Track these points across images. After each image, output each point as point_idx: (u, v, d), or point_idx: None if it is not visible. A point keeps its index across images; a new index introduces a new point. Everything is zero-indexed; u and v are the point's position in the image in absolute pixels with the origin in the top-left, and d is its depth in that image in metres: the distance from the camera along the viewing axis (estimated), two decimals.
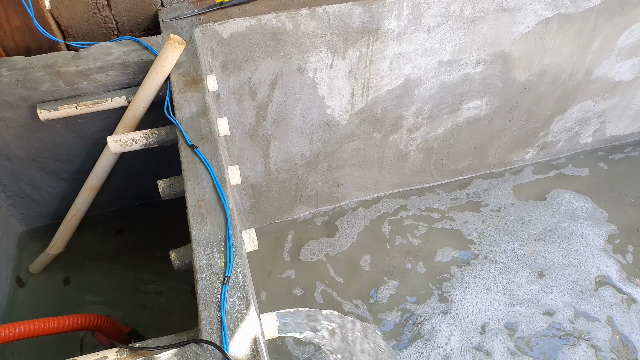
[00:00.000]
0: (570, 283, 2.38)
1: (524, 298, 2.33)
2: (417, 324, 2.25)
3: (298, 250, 2.57)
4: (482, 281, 2.40)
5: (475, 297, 2.33)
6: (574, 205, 2.75)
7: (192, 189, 1.28)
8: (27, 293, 2.10)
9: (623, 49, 2.50)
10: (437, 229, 2.65)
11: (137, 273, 2.17)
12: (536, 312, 2.27)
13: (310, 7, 1.86)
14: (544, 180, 2.90)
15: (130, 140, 1.53)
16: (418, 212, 2.73)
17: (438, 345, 2.17)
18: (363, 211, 2.74)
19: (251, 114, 2.13)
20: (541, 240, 2.58)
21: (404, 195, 2.82)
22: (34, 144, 1.88)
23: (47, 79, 1.64)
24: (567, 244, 2.55)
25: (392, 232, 2.64)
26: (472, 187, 2.87)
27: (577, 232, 2.61)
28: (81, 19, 1.84)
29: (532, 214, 2.71)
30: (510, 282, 2.40)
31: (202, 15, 1.85)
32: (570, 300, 2.32)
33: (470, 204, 2.78)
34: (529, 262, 2.48)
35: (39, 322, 1.38)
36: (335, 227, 2.67)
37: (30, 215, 2.18)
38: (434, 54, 2.18)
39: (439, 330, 2.22)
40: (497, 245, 2.56)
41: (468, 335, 2.20)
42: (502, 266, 2.46)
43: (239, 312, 1.03)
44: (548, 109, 2.68)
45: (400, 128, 2.47)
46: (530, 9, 2.14)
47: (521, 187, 2.86)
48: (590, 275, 2.41)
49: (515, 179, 2.91)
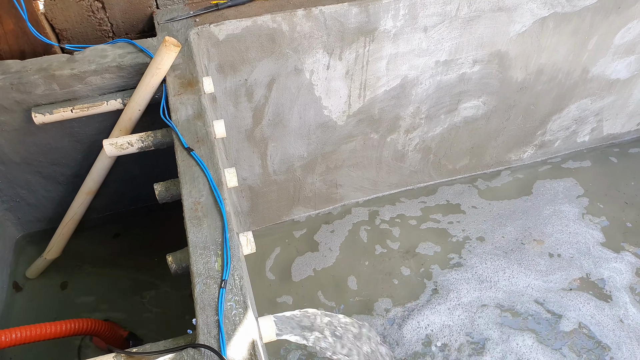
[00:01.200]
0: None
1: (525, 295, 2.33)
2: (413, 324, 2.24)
3: (297, 252, 2.56)
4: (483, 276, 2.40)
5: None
6: (571, 203, 2.75)
7: (188, 192, 1.27)
8: (24, 298, 2.08)
9: (619, 48, 2.50)
10: (434, 228, 2.65)
11: (134, 277, 2.15)
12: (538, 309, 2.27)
13: (306, 8, 1.86)
14: (542, 179, 2.90)
15: (126, 143, 1.52)
16: (414, 213, 2.73)
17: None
18: (362, 211, 2.74)
19: (248, 116, 2.13)
20: (537, 237, 2.58)
21: (402, 195, 2.82)
22: (29, 147, 1.86)
23: (42, 82, 1.63)
24: (564, 241, 2.56)
25: (391, 232, 2.64)
26: (470, 187, 2.86)
27: (572, 228, 2.61)
28: (76, 22, 1.82)
29: (529, 213, 2.71)
30: (512, 283, 2.39)
31: (198, 17, 1.84)
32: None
33: (468, 203, 2.78)
34: (529, 257, 2.48)
35: (36, 328, 1.36)
36: (333, 228, 2.67)
37: (26, 220, 2.17)
38: (431, 54, 2.18)
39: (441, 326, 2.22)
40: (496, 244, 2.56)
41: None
42: (501, 262, 2.46)
43: (236, 316, 1.02)
44: (545, 108, 2.68)
45: (398, 128, 2.47)
46: (526, 8, 2.14)
47: (519, 187, 2.86)
48: (583, 272, 2.42)
49: (512, 177, 2.91)
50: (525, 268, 2.45)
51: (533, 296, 2.33)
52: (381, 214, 2.72)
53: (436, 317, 2.26)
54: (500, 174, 2.94)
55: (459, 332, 2.21)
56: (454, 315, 2.27)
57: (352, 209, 2.76)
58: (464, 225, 2.67)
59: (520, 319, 2.25)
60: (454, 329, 2.22)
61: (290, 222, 2.71)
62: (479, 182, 2.89)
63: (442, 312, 2.28)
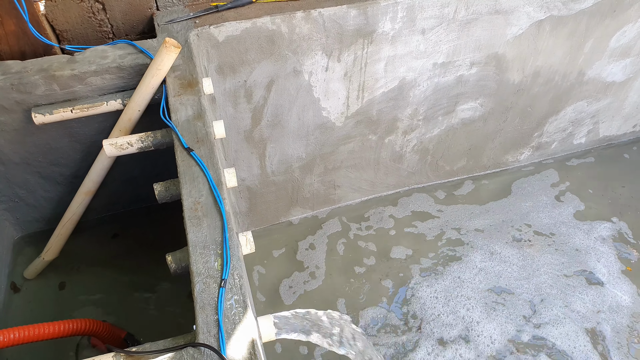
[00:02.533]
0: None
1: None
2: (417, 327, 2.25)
3: (294, 252, 2.57)
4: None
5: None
6: (568, 206, 2.77)
7: (188, 192, 1.28)
8: (22, 298, 2.08)
9: (615, 50, 2.52)
10: (430, 229, 2.66)
11: (133, 277, 2.16)
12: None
13: (305, 10, 1.87)
14: (539, 180, 2.92)
15: (125, 143, 1.53)
16: (411, 214, 2.74)
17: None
18: (360, 213, 2.75)
19: (247, 117, 2.14)
20: (531, 240, 2.60)
21: (400, 196, 2.83)
22: (28, 148, 1.87)
23: (42, 82, 1.64)
24: (562, 243, 2.57)
25: (390, 233, 2.65)
26: (467, 188, 2.88)
27: (570, 231, 2.63)
28: (76, 23, 1.83)
29: (527, 213, 2.72)
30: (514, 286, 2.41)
31: (198, 18, 1.85)
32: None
33: (466, 204, 2.79)
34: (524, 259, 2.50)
35: (35, 328, 1.37)
36: (330, 229, 2.68)
37: (25, 220, 2.17)
38: (429, 56, 2.19)
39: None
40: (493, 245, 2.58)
41: None
42: (499, 264, 2.48)
43: (236, 315, 1.02)
44: (542, 110, 2.69)
45: (396, 130, 2.48)
46: (523, 11, 2.16)
47: (515, 188, 2.88)
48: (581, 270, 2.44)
49: (510, 178, 2.93)
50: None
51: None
52: (379, 216, 2.73)
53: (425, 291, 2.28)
54: (500, 175, 2.95)
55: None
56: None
57: (352, 208, 2.77)
58: (463, 225, 2.68)
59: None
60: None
61: (287, 223, 2.72)
62: (476, 183, 2.91)
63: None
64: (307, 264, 2.52)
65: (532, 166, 3.01)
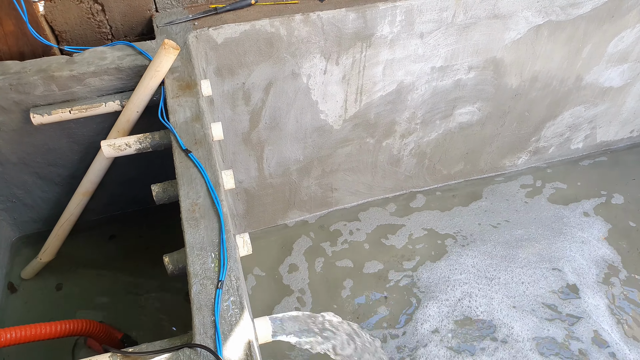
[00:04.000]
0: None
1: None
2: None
3: (290, 255, 2.57)
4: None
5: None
6: (564, 209, 2.78)
7: (185, 193, 1.28)
8: (19, 299, 2.08)
9: (612, 56, 2.53)
10: (426, 230, 2.67)
11: (130, 278, 2.16)
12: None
13: (304, 13, 1.88)
14: (535, 184, 2.93)
15: (124, 144, 1.53)
16: (407, 215, 2.75)
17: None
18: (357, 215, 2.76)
19: (245, 119, 2.14)
20: (524, 242, 2.61)
21: (397, 200, 2.83)
22: (26, 148, 1.87)
23: (41, 83, 1.64)
24: (555, 245, 2.58)
25: (385, 236, 2.66)
26: (463, 191, 2.89)
27: (567, 234, 2.64)
28: (75, 24, 1.84)
29: (524, 217, 2.73)
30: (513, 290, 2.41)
31: (197, 20, 1.86)
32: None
33: (462, 206, 2.80)
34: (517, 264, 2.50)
35: (31, 328, 1.37)
36: (328, 231, 2.68)
37: (22, 220, 2.17)
38: (427, 60, 2.20)
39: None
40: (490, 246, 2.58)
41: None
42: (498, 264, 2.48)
43: (232, 317, 1.03)
44: (539, 115, 2.70)
45: (394, 133, 2.49)
46: (521, 15, 2.17)
47: (512, 190, 2.89)
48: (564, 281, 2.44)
49: (507, 183, 2.93)
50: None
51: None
52: (377, 217, 2.74)
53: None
54: (497, 179, 2.96)
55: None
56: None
57: (348, 211, 2.77)
58: (458, 227, 2.69)
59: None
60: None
61: (283, 226, 2.72)
62: (473, 186, 2.92)
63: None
64: (301, 270, 2.52)
65: (529, 171, 3.01)
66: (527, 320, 2.27)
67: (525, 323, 2.26)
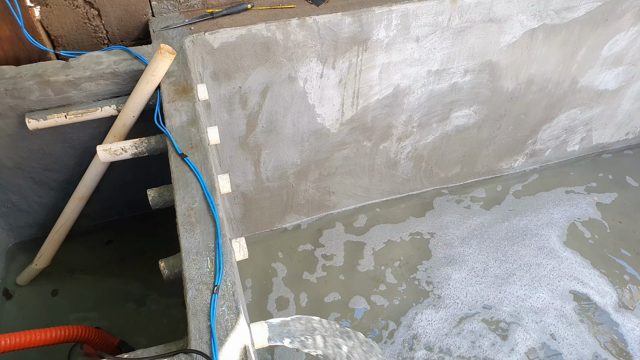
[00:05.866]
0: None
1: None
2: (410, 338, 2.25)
3: (289, 259, 2.57)
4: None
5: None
6: (557, 212, 2.78)
7: (181, 197, 1.27)
8: (15, 305, 2.07)
9: (607, 59, 2.54)
10: (423, 232, 2.67)
11: (126, 284, 2.15)
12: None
13: (300, 17, 1.88)
14: (533, 185, 2.93)
15: (119, 149, 1.53)
16: (404, 218, 2.75)
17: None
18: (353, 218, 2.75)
19: (242, 123, 2.14)
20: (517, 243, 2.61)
21: (394, 203, 2.83)
22: (22, 153, 1.86)
23: (36, 88, 1.63)
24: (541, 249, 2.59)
25: (381, 238, 2.65)
26: (461, 193, 2.89)
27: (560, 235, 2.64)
28: (71, 29, 1.84)
29: (522, 217, 2.74)
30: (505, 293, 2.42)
31: (193, 25, 1.86)
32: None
33: (460, 208, 2.80)
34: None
35: (27, 335, 1.36)
36: (325, 234, 2.67)
37: (18, 226, 2.16)
38: (423, 64, 2.21)
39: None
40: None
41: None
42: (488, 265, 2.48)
43: (228, 322, 1.02)
44: (535, 118, 2.71)
45: (390, 136, 2.49)
46: (516, 19, 2.18)
47: (509, 193, 2.89)
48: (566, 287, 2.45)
49: (503, 186, 2.94)
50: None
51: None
52: (373, 219, 2.74)
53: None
54: (493, 182, 2.96)
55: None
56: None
57: (345, 215, 2.77)
58: (453, 230, 2.69)
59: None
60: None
61: (281, 229, 2.71)
62: (470, 189, 2.92)
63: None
64: (299, 273, 2.51)
65: (528, 173, 3.02)
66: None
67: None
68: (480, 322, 2.28)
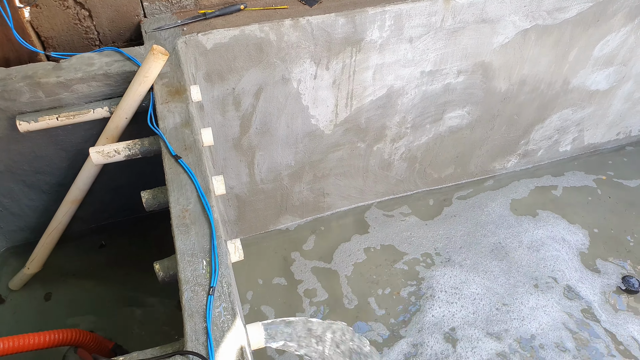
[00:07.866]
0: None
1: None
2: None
3: (284, 261, 2.56)
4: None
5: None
6: (552, 212, 2.80)
7: (176, 199, 1.27)
8: (7, 310, 2.04)
9: (598, 59, 2.57)
10: (422, 232, 2.68)
11: (120, 288, 2.13)
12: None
13: (293, 18, 1.88)
14: (528, 186, 2.95)
15: (112, 151, 1.51)
16: (403, 218, 2.75)
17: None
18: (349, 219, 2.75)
19: (235, 124, 2.13)
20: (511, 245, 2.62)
21: (389, 204, 2.84)
22: (12, 156, 1.84)
23: (27, 90, 1.62)
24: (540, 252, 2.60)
25: (378, 239, 2.66)
26: (456, 194, 2.90)
27: (554, 238, 2.66)
28: (62, 30, 1.82)
29: (520, 222, 2.75)
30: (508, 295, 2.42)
31: (186, 26, 1.85)
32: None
33: (457, 210, 2.81)
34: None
35: (20, 339, 1.34)
36: (322, 236, 2.67)
37: (9, 230, 2.13)
38: (416, 65, 2.21)
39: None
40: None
41: None
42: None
43: (224, 323, 1.02)
44: (528, 118, 2.73)
45: (384, 137, 2.49)
46: (509, 20, 2.19)
47: (505, 195, 2.90)
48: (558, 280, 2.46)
49: (498, 186, 2.95)
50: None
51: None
52: (369, 220, 2.74)
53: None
54: (486, 182, 2.98)
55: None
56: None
57: (339, 216, 2.77)
58: (448, 232, 2.70)
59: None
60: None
61: (276, 231, 2.71)
62: (464, 190, 2.93)
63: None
64: (296, 274, 2.51)
65: (521, 172, 3.04)
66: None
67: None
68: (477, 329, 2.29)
